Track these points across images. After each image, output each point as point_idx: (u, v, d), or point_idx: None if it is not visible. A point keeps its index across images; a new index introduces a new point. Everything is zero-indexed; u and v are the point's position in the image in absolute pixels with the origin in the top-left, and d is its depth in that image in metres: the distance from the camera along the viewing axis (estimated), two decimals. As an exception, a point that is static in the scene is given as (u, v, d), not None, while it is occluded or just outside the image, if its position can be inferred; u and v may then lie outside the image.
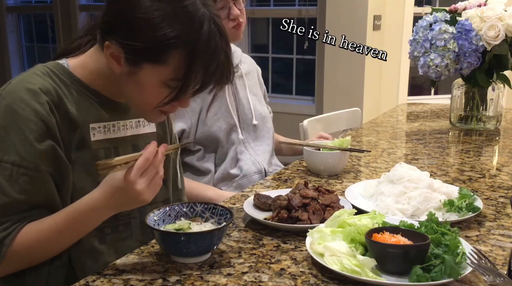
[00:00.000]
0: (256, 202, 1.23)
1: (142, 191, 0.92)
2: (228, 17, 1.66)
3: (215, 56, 0.97)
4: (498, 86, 2.06)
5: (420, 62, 2.00)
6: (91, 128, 1.06)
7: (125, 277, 0.93)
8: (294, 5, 4.45)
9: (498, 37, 1.89)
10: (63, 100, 1.02)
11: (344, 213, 1.04)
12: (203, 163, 1.72)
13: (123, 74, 1.01)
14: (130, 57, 0.98)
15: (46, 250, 1.01)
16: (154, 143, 0.95)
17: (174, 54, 0.95)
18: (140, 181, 0.92)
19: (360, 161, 1.69)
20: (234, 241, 1.08)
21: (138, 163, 0.92)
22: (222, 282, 0.91)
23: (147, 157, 0.92)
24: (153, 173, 0.94)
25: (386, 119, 2.41)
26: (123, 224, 1.13)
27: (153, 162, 0.93)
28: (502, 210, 1.24)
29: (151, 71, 0.98)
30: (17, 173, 0.96)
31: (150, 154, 0.93)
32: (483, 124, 2.10)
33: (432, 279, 0.86)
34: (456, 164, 1.66)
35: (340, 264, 0.91)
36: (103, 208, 0.97)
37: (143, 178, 0.92)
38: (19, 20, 6.09)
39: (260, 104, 1.88)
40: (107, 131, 1.09)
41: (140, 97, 1.02)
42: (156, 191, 0.96)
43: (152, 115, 1.06)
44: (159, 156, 0.94)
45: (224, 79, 1.02)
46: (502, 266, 0.96)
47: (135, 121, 1.16)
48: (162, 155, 0.95)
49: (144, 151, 0.93)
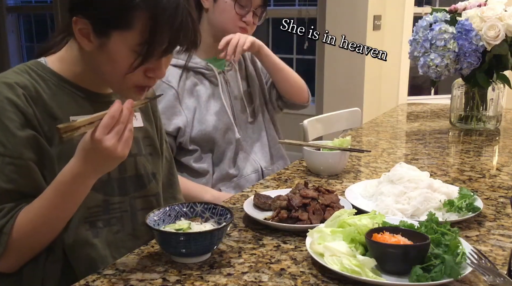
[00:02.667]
0: (256, 202, 1.23)
1: (112, 147, 0.91)
2: (241, 19, 1.69)
3: (178, 12, 0.98)
4: (498, 86, 2.06)
5: (420, 62, 2.00)
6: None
7: (125, 277, 0.93)
8: (294, 5, 4.46)
9: (498, 37, 1.89)
10: (41, 94, 1.04)
11: (344, 213, 1.04)
12: (200, 164, 1.71)
13: (94, 51, 1.02)
14: (97, 29, 1.00)
15: (45, 232, 1.02)
16: (118, 102, 0.93)
17: (138, 16, 0.97)
18: (108, 137, 0.91)
19: (360, 161, 1.69)
20: (234, 241, 1.08)
21: (103, 121, 0.91)
22: (222, 282, 0.91)
23: (112, 114, 0.91)
24: (121, 129, 0.92)
25: (386, 119, 2.41)
26: (114, 217, 1.14)
27: (119, 118, 0.92)
28: (502, 210, 1.24)
29: (119, 38, 0.99)
30: (3, 163, 0.97)
31: (115, 111, 0.91)
32: (483, 124, 2.10)
33: (432, 279, 0.86)
34: (456, 164, 1.66)
35: (340, 264, 0.91)
36: (84, 173, 0.96)
37: (111, 134, 0.91)
38: (19, 20, 6.09)
39: (258, 95, 1.87)
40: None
41: (113, 69, 1.03)
42: (128, 145, 0.95)
43: (129, 91, 1.06)
44: (125, 111, 0.93)
45: (190, 37, 1.03)
46: (502, 266, 0.96)
47: None
48: (128, 111, 0.93)
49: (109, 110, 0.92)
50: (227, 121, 1.75)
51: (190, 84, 1.71)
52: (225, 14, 1.70)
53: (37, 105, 1.03)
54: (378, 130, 2.16)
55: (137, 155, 1.19)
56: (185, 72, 1.71)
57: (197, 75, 1.73)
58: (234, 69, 1.83)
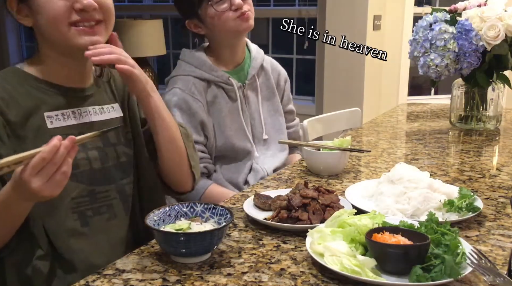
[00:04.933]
0: (256, 202, 1.23)
1: (38, 189, 0.89)
2: (230, 8, 1.66)
3: None
4: (498, 86, 2.06)
5: (420, 62, 2.00)
6: (46, 117, 1.10)
7: (125, 277, 0.93)
8: (294, 5, 4.46)
9: (498, 37, 1.89)
10: (15, 97, 1.08)
11: (344, 213, 1.04)
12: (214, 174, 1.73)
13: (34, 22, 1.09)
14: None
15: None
16: (55, 139, 0.91)
17: None
18: (35, 180, 0.88)
19: (360, 161, 1.69)
20: (234, 241, 1.08)
21: (32, 162, 0.88)
22: (222, 282, 0.91)
23: (43, 156, 0.88)
24: (52, 171, 0.90)
25: (386, 119, 2.41)
26: (104, 205, 1.16)
27: (53, 159, 0.89)
28: (502, 210, 1.24)
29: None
30: None
31: (48, 153, 0.89)
32: (483, 124, 2.10)
33: (432, 279, 0.86)
34: (456, 164, 1.66)
35: (340, 264, 0.91)
36: (14, 200, 0.95)
37: (39, 177, 0.89)
38: (19, 20, 6.09)
39: (275, 115, 1.85)
40: (66, 118, 1.13)
41: (49, 21, 1.07)
42: (59, 188, 0.92)
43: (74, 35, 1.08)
44: (61, 150, 0.90)
45: None
46: (502, 266, 0.96)
47: (99, 107, 1.20)
48: (66, 149, 0.90)
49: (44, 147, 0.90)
50: (246, 141, 1.75)
51: (211, 96, 1.71)
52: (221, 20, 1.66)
53: (9, 107, 1.06)
54: (378, 130, 2.16)
55: (117, 144, 1.22)
56: (207, 84, 1.71)
57: (218, 88, 1.72)
58: (256, 84, 1.81)
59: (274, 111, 1.86)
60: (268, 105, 1.85)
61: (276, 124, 1.86)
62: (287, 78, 1.96)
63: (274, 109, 1.86)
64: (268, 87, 1.85)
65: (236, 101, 1.74)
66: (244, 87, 1.77)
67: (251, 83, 1.79)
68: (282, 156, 1.85)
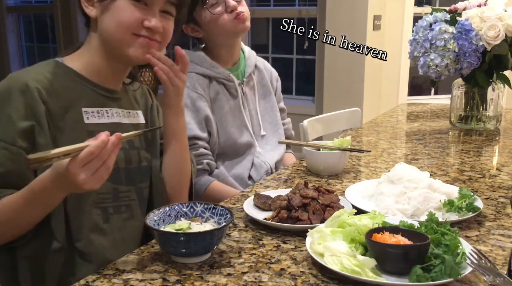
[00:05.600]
0: (256, 202, 1.23)
1: (83, 181, 0.91)
2: (226, 11, 1.67)
3: None
4: (498, 86, 2.06)
5: (420, 62, 2.00)
6: (83, 112, 1.14)
7: (125, 277, 0.93)
8: (294, 5, 4.46)
9: (498, 37, 1.89)
10: (56, 88, 1.10)
11: (344, 213, 1.04)
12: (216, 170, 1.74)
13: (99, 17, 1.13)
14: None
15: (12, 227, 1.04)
16: (103, 134, 0.93)
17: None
18: (82, 173, 0.91)
19: (360, 161, 1.69)
20: (234, 241, 1.08)
21: (80, 155, 0.90)
22: (222, 282, 0.91)
23: (91, 150, 0.90)
24: (97, 165, 0.92)
25: (386, 119, 2.41)
26: (124, 205, 1.20)
27: (100, 154, 0.91)
28: (502, 210, 1.24)
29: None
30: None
31: (96, 147, 0.91)
32: (483, 124, 2.10)
33: (432, 279, 0.86)
34: (456, 164, 1.66)
35: (340, 264, 0.91)
36: (52, 189, 0.97)
37: (86, 170, 0.91)
38: (19, 20, 6.09)
39: (271, 111, 1.89)
40: (101, 116, 1.17)
41: (117, 24, 1.11)
42: (101, 181, 0.94)
43: (133, 44, 1.13)
44: (108, 146, 0.92)
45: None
46: (502, 266, 0.96)
47: (126, 111, 1.24)
48: (112, 145, 0.93)
49: (92, 141, 0.92)
50: (249, 136, 1.79)
51: (214, 93, 1.74)
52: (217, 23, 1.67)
53: (51, 97, 1.08)
54: (378, 130, 2.16)
55: (140, 148, 1.25)
56: (209, 81, 1.73)
57: (220, 84, 1.75)
58: (252, 82, 1.84)
59: (270, 107, 1.90)
60: (264, 102, 1.88)
61: (273, 120, 1.89)
62: (278, 77, 2.00)
63: (270, 106, 1.90)
64: (263, 85, 1.89)
65: (237, 98, 1.77)
66: (243, 84, 1.80)
67: (248, 81, 1.82)
68: (281, 150, 1.89)
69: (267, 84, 1.90)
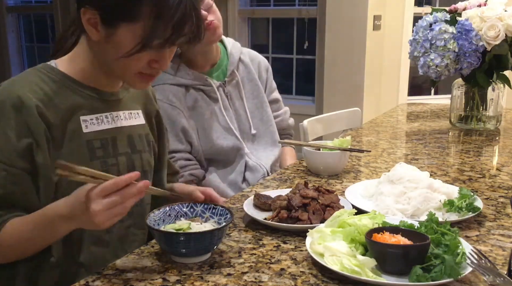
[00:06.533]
0: (256, 202, 1.23)
1: (96, 212, 0.87)
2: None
3: (181, 5, 1.00)
4: (498, 86, 2.06)
5: (420, 62, 2.00)
6: (82, 120, 1.09)
7: (125, 277, 0.93)
8: (294, 5, 4.46)
9: (498, 37, 1.89)
10: (52, 98, 1.05)
11: (344, 213, 1.04)
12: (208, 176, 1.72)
13: (101, 41, 1.04)
14: (105, 20, 1.02)
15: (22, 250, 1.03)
16: (134, 174, 0.90)
17: (145, 9, 0.99)
18: (99, 202, 0.87)
19: (360, 161, 1.69)
20: (234, 241, 1.08)
21: (105, 184, 0.88)
22: (222, 282, 0.91)
23: (116, 182, 0.88)
24: (117, 201, 0.88)
25: (386, 119, 2.41)
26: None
27: (123, 191, 0.89)
28: (502, 210, 1.24)
29: (126, 29, 1.01)
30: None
31: (122, 181, 0.89)
32: (483, 124, 2.10)
33: (432, 279, 0.86)
34: (456, 164, 1.66)
35: (340, 264, 0.91)
36: (64, 217, 0.94)
37: (103, 201, 0.88)
38: (19, 20, 6.09)
39: (262, 107, 1.83)
40: (100, 123, 1.12)
41: (123, 62, 1.04)
42: (113, 220, 0.91)
43: (134, 78, 1.08)
44: (132, 189, 0.89)
45: (193, 30, 1.04)
46: (502, 266, 0.96)
47: (128, 112, 1.20)
48: (137, 190, 0.90)
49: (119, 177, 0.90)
50: (234, 139, 1.73)
51: (192, 101, 1.69)
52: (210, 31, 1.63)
53: (50, 111, 1.04)
54: (378, 130, 2.16)
55: (142, 151, 1.22)
56: (185, 89, 1.69)
57: (198, 91, 1.70)
58: (236, 79, 1.78)
59: (260, 103, 1.83)
60: (252, 99, 1.82)
61: (264, 116, 1.83)
62: (268, 66, 1.92)
63: (260, 102, 1.83)
64: (250, 80, 1.82)
65: (217, 102, 1.72)
66: (225, 84, 1.75)
67: (231, 79, 1.77)
68: (275, 149, 1.84)
69: (254, 78, 1.83)
